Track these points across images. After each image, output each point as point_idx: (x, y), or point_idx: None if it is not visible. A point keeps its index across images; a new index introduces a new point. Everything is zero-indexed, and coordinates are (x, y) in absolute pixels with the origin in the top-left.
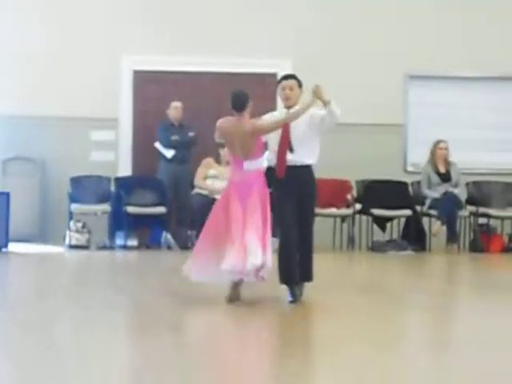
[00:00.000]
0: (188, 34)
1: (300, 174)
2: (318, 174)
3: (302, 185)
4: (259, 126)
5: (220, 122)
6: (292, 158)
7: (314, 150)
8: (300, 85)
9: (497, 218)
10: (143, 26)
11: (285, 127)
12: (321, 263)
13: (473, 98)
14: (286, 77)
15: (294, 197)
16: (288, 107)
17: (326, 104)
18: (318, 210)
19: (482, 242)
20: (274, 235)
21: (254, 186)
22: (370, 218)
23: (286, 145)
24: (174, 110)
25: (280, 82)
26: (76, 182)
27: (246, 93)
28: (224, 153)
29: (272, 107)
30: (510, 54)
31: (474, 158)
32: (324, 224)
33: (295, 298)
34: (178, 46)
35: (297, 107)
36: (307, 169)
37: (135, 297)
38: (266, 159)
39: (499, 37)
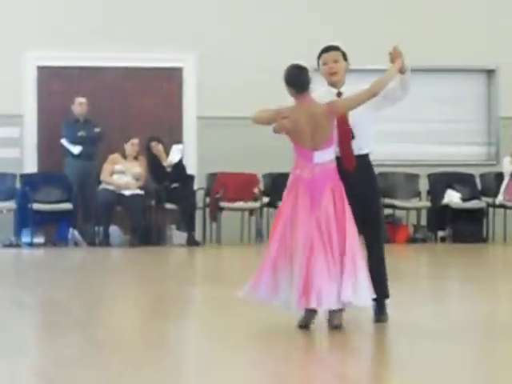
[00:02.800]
0: (92, 28)
1: (361, 167)
2: (225, 167)
3: (363, 180)
4: (341, 104)
5: (285, 111)
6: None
7: (370, 135)
8: (345, 57)
9: (402, 208)
10: (46, 22)
11: None
12: (229, 257)
13: None
14: (327, 49)
15: (354, 196)
16: (333, 84)
17: (403, 71)
18: (225, 204)
19: (388, 232)
20: None
21: (328, 185)
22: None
23: (348, 130)
24: (79, 105)
25: (320, 56)
26: None
27: (304, 66)
28: (129, 147)
29: (178, 102)
30: (413, 46)
31: (379, 149)
32: (232, 217)
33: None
34: (82, 41)
35: (376, 80)
36: (366, 159)
37: (43, 294)
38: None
39: (402, 28)
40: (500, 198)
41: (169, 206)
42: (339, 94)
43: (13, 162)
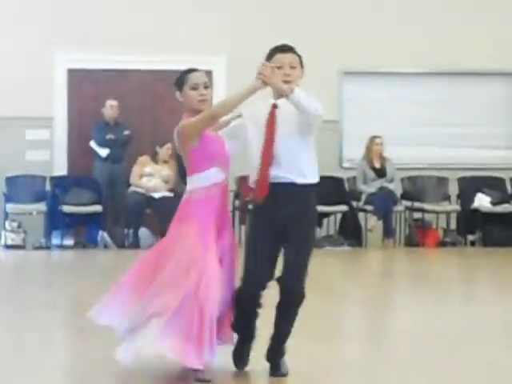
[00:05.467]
0: (123, 31)
1: (287, 196)
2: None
3: (289, 212)
4: (183, 125)
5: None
6: (276, 173)
7: (303, 164)
8: (302, 63)
9: (431, 212)
10: (77, 24)
11: (270, 124)
12: None
13: (406, 93)
14: (284, 48)
15: (274, 230)
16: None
17: (284, 93)
18: None
19: (418, 236)
20: None
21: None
22: None
23: (268, 154)
24: (110, 108)
25: (272, 55)
26: (11, 181)
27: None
28: (163, 152)
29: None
30: (442, 50)
31: (409, 153)
32: None
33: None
34: (113, 43)
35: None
36: (301, 190)
37: (73, 296)
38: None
39: (431, 32)
40: None
41: None
42: (275, 107)
43: (43, 164)
